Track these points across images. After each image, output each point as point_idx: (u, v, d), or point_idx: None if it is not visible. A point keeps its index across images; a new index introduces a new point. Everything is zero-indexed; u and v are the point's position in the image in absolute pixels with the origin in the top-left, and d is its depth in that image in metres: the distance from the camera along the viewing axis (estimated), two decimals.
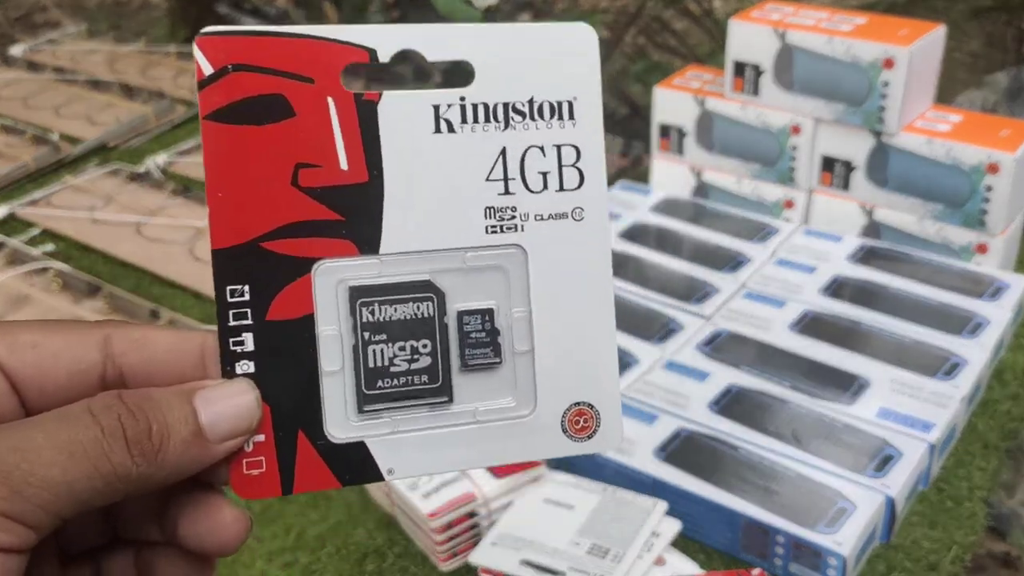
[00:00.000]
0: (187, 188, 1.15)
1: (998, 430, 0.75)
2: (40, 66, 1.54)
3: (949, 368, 0.75)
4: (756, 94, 0.94)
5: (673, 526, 0.62)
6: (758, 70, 0.93)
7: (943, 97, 0.97)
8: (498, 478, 0.65)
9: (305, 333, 0.28)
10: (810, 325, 0.81)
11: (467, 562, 0.64)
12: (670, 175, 1.03)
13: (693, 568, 0.61)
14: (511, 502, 0.65)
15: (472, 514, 0.64)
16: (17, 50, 1.61)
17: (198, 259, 1.01)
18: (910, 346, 0.78)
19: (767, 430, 0.70)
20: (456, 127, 0.29)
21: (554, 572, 0.59)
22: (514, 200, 0.29)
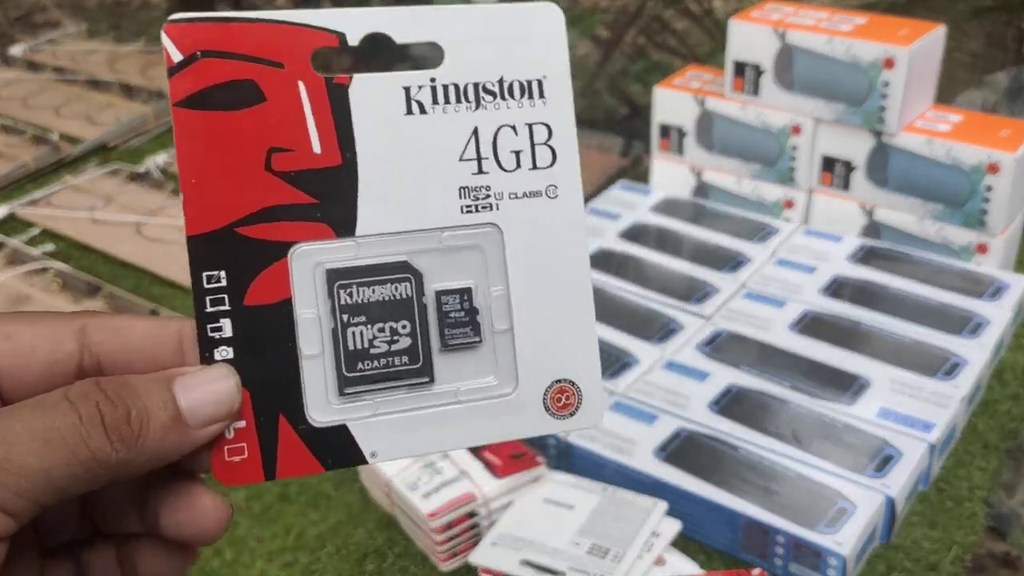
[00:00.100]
0: None
1: (998, 430, 0.75)
2: (40, 66, 1.54)
3: (949, 368, 0.75)
4: (756, 94, 0.94)
5: (673, 526, 0.62)
6: (758, 70, 0.93)
7: (943, 97, 0.97)
8: (498, 478, 0.65)
9: (283, 318, 0.28)
10: (810, 325, 0.81)
11: (467, 562, 0.64)
12: (670, 175, 1.03)
13: (693, 568, 0.61)
14: (511, 502, 0.65)
15: (472, 514, 0.64)
16: (17, 50, 1.61)
17: None
18: (910, 346, 0.78)
19: (767, 430, 0.70)
20: (428, 108, 0.29)
21: (554, 572, 0.59)
22: (488, 179, 0.29)
